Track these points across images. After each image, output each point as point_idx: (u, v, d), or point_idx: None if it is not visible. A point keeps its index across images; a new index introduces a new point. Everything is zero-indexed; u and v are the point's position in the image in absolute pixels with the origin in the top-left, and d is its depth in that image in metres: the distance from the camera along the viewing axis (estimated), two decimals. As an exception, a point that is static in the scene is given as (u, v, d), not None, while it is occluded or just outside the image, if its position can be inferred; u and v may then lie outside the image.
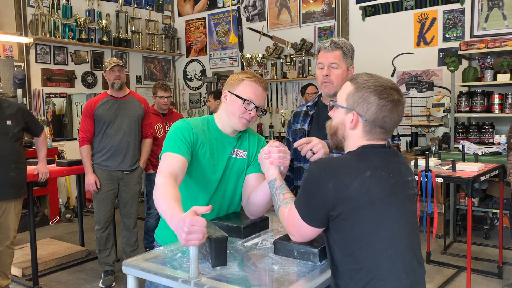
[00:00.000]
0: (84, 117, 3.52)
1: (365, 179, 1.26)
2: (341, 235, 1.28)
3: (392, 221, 1.28)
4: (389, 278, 1.25)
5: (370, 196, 1.25)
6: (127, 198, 3.66)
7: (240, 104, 1.69)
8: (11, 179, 3.09)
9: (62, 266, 3.98)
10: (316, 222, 1.33)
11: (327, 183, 1.26)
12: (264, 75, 6.32)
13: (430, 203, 3.22)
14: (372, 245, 1.25)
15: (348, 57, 1.97)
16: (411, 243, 1.32)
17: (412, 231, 1.33)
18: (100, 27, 6.23)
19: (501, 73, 4.46)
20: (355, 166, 1.29)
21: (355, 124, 1.34)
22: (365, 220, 1.25)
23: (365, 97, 1.32)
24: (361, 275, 1.25)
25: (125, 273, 1.43)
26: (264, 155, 1.61)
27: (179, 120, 1.74)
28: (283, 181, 1.57)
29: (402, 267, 1.27)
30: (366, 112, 1.32)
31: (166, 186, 1.45)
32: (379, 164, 1.31)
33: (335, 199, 1.26)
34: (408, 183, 1.37)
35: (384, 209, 1.27)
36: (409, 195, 1.36)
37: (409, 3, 5.33)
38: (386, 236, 1.26)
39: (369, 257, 1.25)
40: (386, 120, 1.32)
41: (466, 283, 3.19)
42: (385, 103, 1.30)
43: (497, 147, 4.25)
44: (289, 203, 1.45)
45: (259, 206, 1.70)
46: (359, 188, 1.25)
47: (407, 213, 1.33)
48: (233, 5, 6.69)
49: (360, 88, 1.34)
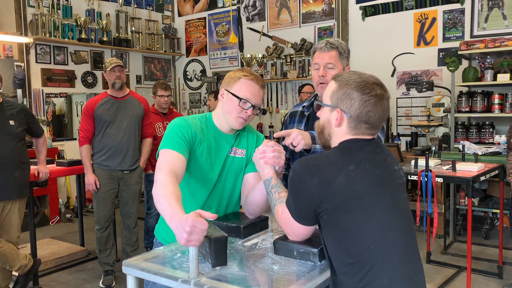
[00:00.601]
0: (84, 117, 3.53)
1: (349, 172, 1.27)
2: (331, 230, 1.29)
3: (382, 212, 1.28)
4: (385, 269, 1.25)
5: (355, 189, 1.26)
6: (127, 198, 3.66)
7: (237, 103, 1.67)
8: (15, 179, 3.09)
9: (62, 266, 3.98)
10: (305, 220, 1.35)
11: (311, 180, 1.27)
12: (264, 75, 6.33)
13: (430, 203, 3.21)
14: (363, 238, 1.25)
15: (344, 57, 1.95)
16: (405, 232, 1.32)
17: (405, 220, 1.33)
18: (100, 27, 6.23)
19: (501, 73, 4.46)
20: (338, 161, 1.30)
21: (340, 121, 1.36)
22: (353, 213, 1.25)
23: (348, 93, 1.33)
24: (357, 269, 1.25)
25: (125, 273, 1.43)
26: (259, 154, 1.60)
27: (177, 118, 1.73)
28: (279, 180, 1.57)
29: (398, 257, 1.27)
30: (349, 108, 1.33)
31: (167, 184, 1.44)
32: (363, 157, 1.32)
33: (321, 196, 1.26)
34: (394, 173, 1.38)
35: (371, 201, 1.27)
36: (397, 184, 1.37)
37: (409, 3, 5.33)
38: (377, 227, 1.26)
39: (362, 250, 1.25)
40: (371, 115, 1.32)
41: (466, 283, 3.19)
42: (368, 98, 1.31)
43: (497, 147, 4.24)
44: (284, 202, 1.45)
45: (257, 205, 1.70)
46: (344, 182, 1.25)
47: (398, 202, 1.33)
48: (233, 5, 6.69)
49: (342, 85, 1.35)
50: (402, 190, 1.39)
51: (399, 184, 1.38)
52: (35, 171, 3.42)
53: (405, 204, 1.38)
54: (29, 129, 3.30)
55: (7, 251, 3.07)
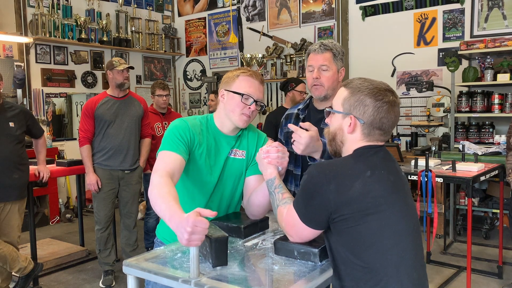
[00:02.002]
0: (84, 117, 3.52)
1: (366, 179, 1.27)
2: (345, 236, 1.28)
3: (397, 218, 1.29)
4: (399, 275, 1.25)
5: (373, 195, 1.26)
6: (127, 198, 3.66)
7: (239, 100, 1.66)
8: (14, 181, 3.09)
9: (62, 266, 3.98)
10: (315, 224, 1.34)
11: (328, 185, 1.27)
12: (264, 75, 6.33)
13: (430, 203, 3.21)
14: (378, 244, 1.25)
15: (338, 59, 1.93)
16: (415, 237, 1.33)
17: (415, 225, 1.35)
18: (100, 27, 6.23)
19: (501, 73, 4.46)
20: (355, 167, 1.30)
21: (354, 128, 1.36)
22: (370, 220, 1.25)
23: (361, 100, 1.34)
24: (370, 275, 1.25)
25: (125, 273, 1.43)
26: (263, 154, 1.59)
27: (177, 119, 1.72)
28: (282, 181, 1.57)
29: (411, 262, 1.28)
30: (363, 115, 1.33)
31: (163, 185, 1.43)
32: (377, 163, 1.32)
33: (337, 202, 1.26)
34: (403, 178, 1.40)
35: (388, 207, 1.27)
36: (407, 190, 1.39)
37: (409, 3, 5.33)
38: (391, 234, 1.27)
39: (376, 256, 1.25)
40: (384, 121, 1.33)
41: (466, 283, 3.18)
42: (381, 105, 1.32)
43: (497, 147, 4.24)
44: (288, 203, 1.45)
45: (260, 206, 1.69)
46: (361, 188, 1.25)
47: (410, 208, 1.35)
48: (233, 5, 6.69)
49: (355, 92, 1.35)
50: (410, 196, 1.40)
51: (408, 190, 1.40)
52: (36, 171, 3.42)
53: (414, 210, 1.39)
54: (29, 131, 3.30)
55: (7, 252, 3.07)
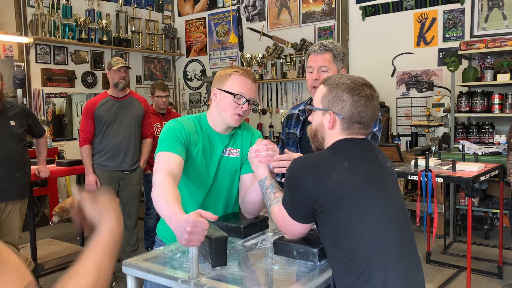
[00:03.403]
0: (84, 117, 3.52)
1: (343, 169, 1.29)
2: (328, 228, 1.30)
3: (377, 208, 1.30)
4: (382, 265, 1.25)
5: (350, 185, 1.28)
6: (127, 198, 3.66)
7: (231, 100, 1.66)
8: (16, 180, 3.09)
9: (62, 266, 3.97)
10: (301, 217, 1.36)
11: (306, 178, 1.30)
12: (264, 75, 6.33)
13: (430, 203, 3.21)
14: (359, 234, 1.26)
15: (338, 60, 1.92)
16: (401, 227, 1.33)
17: (400, 215, 1.35)
18: (100, 27, 6.23)
19: (501, 73, 4.46)
20: (332, 159, 1.33)
21: (333, 124, 1.39)
22: (349, 210, 1.27)
23: (339, 96, 1.37)
24: (354, 266, 1.25)
25: (125, 273, 1.43)
26: (253, 153, 1.60)
27: (170, 121, 1.71)
28: (274, 180, 1.58)
29: (394, 252, 1.28)
30: (341, 110, 1.37)
31: (166, 185, 1.43)
32: (356, 155, 1.34)
33: (316, 193, 1.28)
34: (387, 169, 1.40)
35: (366, 197, 1.29)
36: (391, 181, 1.39)
37: (409, 3, 5.33)
38: (373, 223, 1.28)
39: (358, 246, 1.26)
40: (362, 115, 1.36)
41: (466, 283, 3.18)
42: (358, 99, 1.35)
43: (497, 147, 4.24)
44: (280, 201, 1.46)
45: (254, 204, 1.70)
46: (339, 179, 1.27)
47: (393, 198, 1.35)
48: (233, 5, 6.69)
49: (332, 88, 1.39)
50: (396, 187, 1.41)
51: (393, 181, 1.41)
52: (36, 171, 3.42)
53: (399, 199, 1.40)
54: (30, 130, 3.30)
55: None
